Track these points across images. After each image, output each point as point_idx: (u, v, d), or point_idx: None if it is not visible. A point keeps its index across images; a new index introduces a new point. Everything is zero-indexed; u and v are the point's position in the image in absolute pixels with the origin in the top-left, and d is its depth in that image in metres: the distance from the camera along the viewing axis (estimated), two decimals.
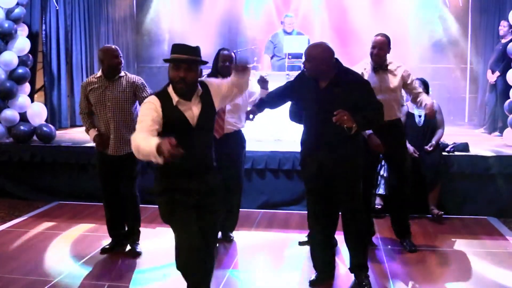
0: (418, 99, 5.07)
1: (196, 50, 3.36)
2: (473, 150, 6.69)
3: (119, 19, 11.63)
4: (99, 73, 4.96)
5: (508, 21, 8.05)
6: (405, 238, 5.25)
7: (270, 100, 4.41)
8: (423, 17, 10.94)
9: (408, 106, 6.07)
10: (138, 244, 5.18)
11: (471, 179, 6.44)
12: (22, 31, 7.81)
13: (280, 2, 11.62)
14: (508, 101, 7.38)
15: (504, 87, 7.92)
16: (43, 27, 9.10)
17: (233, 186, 5.17)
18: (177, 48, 3.35)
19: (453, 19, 10.99)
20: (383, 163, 6.12)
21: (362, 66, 5.02)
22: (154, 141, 2.96)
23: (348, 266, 4.39)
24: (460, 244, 5.40)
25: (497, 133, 8.47)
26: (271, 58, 9.06)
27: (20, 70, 7.66)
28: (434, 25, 10.95)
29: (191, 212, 3.35)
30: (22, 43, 7.68)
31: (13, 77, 7.61)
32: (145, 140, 3.06)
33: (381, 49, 4.92)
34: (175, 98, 3.34)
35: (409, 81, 5.04)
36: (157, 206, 3.46)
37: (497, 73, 8.46)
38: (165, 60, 3.35)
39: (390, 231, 5.46)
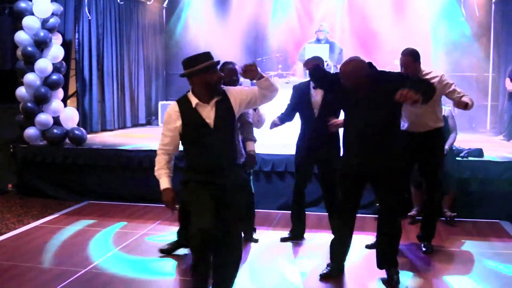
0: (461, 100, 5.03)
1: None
2: (488, 156, 6.86)
3: (148, 28, 12.07)
4: None
5: None
6: (427, 241, 5.42)
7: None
8: (445, 24, 11.06)
9: None
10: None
11: (484, 184, 6.61)
12: (57, 40, 8.21)
13: (303, 11, 11.91)
14: None
15: None
16: (76, 36, 9.51)
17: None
18: (204, 56, 3.70)
19: (475, 28, 11.10)
20: None
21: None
22: (162, 184, 3.76)
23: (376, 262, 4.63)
24: (469, 245, 5.60)
25: None
26: None
27: (54, 77, 8.05)
28: (457, 33, 11.05)
29: (209, 200, 3.63)
30: (56, 51, 8.08)
31: (48, 83, 8.00)
32: (157, 173, 3.82)
33: (407, 68, 5.00)
34: (194, 101, 3.69)
35: (446, 90, 5.09)
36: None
37: None
38: (201, 70, 3.65)
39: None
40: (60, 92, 8.33)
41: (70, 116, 8.20)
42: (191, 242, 3.58)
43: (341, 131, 4.82)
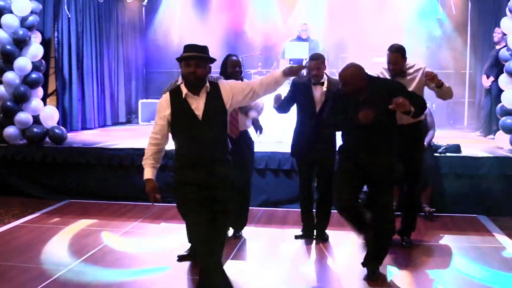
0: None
1: (204, 49, 3.75)
2: (465, 152, 6.98)
3: (128, 26, 12.06)
4: None
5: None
6: (406, 235, 5.51)
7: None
8: (423, 23, 11.23)
9: None
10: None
11: (462, 179, 6.73)
12: (36, 38, 8.16)
13: (283, 8, 11.98)
14: (499, 104, 7.67)
15: (498, 91, 8.15)
16: (56, 34, 9.48)
17: (243, 187, 5.41)
18: (188, 47, 3.74)
19: (452, 26, 11.28)
20: None
21: (379, 71, 5.23)
22: (145, 175, 3.77)
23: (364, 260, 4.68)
24: (447, 239, 5.71)
25: (492, 135, 8.74)
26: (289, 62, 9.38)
27: (33, 75, 8.01)
28: (434, 31, 11.22)
29: (200, 206, 3.67)
30: (35, 49, 8.04)
31: (27, 82, 7.96)
32: (143, 163, 3.82)
33: (396, 64, 5.08)
34: (184, 91, 3.73)
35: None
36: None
37: (492, 78, 8.74)
38: (178, 59, 3.72)
39: None
40: (39, 91, 8.30)
41: (50, 115, 8.16)
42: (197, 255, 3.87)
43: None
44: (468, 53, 11.32)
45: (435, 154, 6.72)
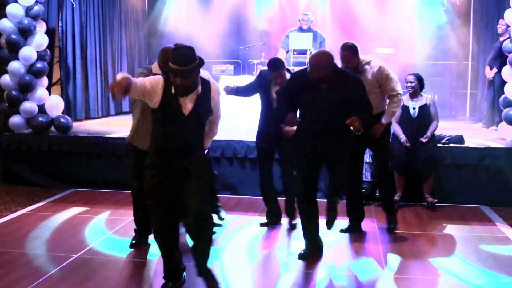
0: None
1: (190, 60, 3.69)
2: (468, 143, 7.03)
3: (131, 16, 12.05)
4: None
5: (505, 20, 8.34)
6: (392, 216, 5.66)
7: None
8: (427, 14, 11.21)
9: (403, 99, 6.36)
10: None
11: (465, 170, 6.79)
12: (41, 28, 8.18)
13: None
14: (503, 96, 7.71)
15: (501, 83, 8.19)
16: (60, 24, 9.48)
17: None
18: (174, 59, 3.70)
19: (456, 17, 11.28)
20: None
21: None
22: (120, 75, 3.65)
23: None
24: (450, 229, 5.78)
25: (494, 127, 8.78)
26: (287, 52, 9.40)
27: (38, 65, 8.03)
28: (438, 22, 11.22)
29: (165, 194, 3.89)
30: (40, 39, 8.06)
31: (32, 71, 7.98)
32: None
33: (348, 61, 5.20)
34: (173, 89, 3.77)
35: (383, 81, 5.27)
36: None
37: (495, 70, 8.76)
38: (163, 70, 3.89)
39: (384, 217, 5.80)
40: (44, 80, 8.31)
41: (55, 104, 8.19)
42: (155, 237, 4.13)
43: None
44: (470, 45, 11.33)
45: (438, 145, 6.76)
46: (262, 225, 5.84)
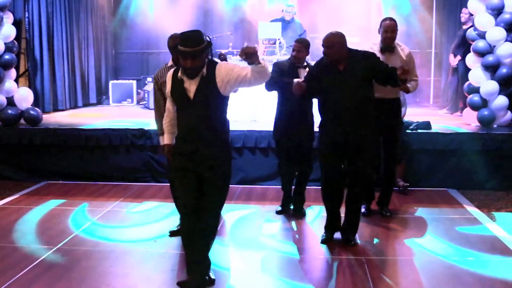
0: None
1: (199, 41, 3.79)
2: (435, 128, 7.26)
3: (98, 7, 11.91)
4: None
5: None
6: (386, 206, 5.82)
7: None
8: (389, 2, 11.45)
9: None
10: None
11: (432, 155, 7.01)
12: (8, 19, 8.03)
13: None
14: (467, 83, 7.95)
15: (465, 70, 8.44)
16: (26, 15, 9.33)
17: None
18: (183, 41, 3.81)
19: (419, 5, 11.52)
20: None
21: (368, 46, 5.47)
22: (163, 140, 4.33)
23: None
24: (421, 212, 6.01)
25: (458, 113, 9.06)
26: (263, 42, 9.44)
27: (6, 56, 7.90)
28: (401, 10, 11.43)
29: (189, 176, 3.93)
30: (8, 30, 7.92)
31: (0, 63, 7.85)
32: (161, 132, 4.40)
33: (393, 32, 5.39)
34: (181, 72, 3.91)
35: (410, 66, 5.34)
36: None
37: (459, 57, 9.02)
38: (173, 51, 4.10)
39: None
40: (13, 72, 8.19)
41: (24, 96, 8.09)
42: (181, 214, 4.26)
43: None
44: (433, 32, 11.59)
45: (407, 131, 6.96)
46: (278, 212, 5.91)
